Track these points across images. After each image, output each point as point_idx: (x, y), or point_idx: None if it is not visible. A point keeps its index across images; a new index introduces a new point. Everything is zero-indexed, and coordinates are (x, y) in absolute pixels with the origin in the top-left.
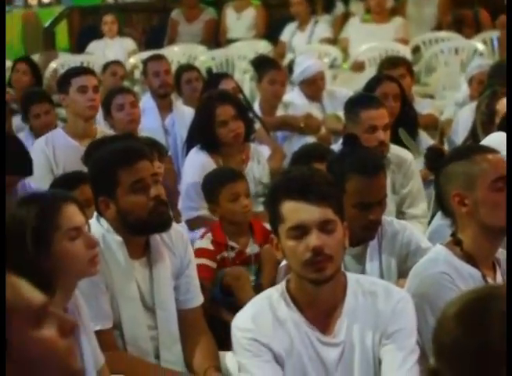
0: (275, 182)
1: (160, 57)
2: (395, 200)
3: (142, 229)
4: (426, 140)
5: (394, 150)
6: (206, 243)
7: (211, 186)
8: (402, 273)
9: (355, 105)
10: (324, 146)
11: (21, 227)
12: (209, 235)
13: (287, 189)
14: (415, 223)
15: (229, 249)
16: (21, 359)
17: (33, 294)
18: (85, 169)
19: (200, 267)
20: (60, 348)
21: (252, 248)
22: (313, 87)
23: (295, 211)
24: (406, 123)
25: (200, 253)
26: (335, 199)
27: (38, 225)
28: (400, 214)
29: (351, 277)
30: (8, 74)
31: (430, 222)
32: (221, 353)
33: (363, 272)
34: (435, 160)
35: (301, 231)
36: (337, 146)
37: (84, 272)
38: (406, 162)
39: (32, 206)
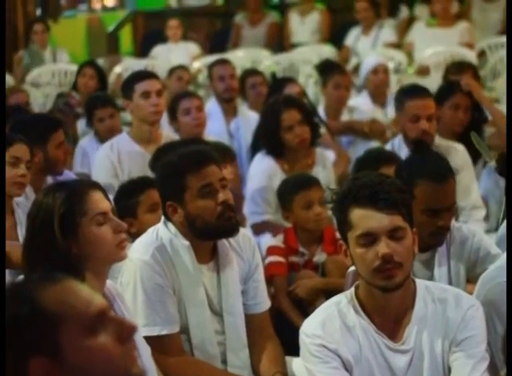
0: (344, 188)
1: (225, 62)
2: None
3: (209, 234)
4: None
5: (442, 141)
6: (277, 241)
7: (285, 193)
8: (471, 280)
9: (402, 94)
10: (390, 151)
11: (48, 214)
12: (281, 236)
13: (356, 196)
14: (469, 216)
15: (300, 255)
16: (75, 368)
17: (91, 300)
18: (150, 174)
19: (272, 264)
20: (118, 355)
21: (319, 257)
22: (376, 81)
23: (364, 218)
24: (476, 128)
25: (271, 251)
26: (405, 206)
27: (65, 211)
28: None
29: (421, 284)
30: (73, 78)
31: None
32: (288, 359)
33: (432, 278)
34: (506, 165)
35: (370, 239)
36: (389, 145)
37: (112, 257)
38: (457, 152)
39: (58, 193)
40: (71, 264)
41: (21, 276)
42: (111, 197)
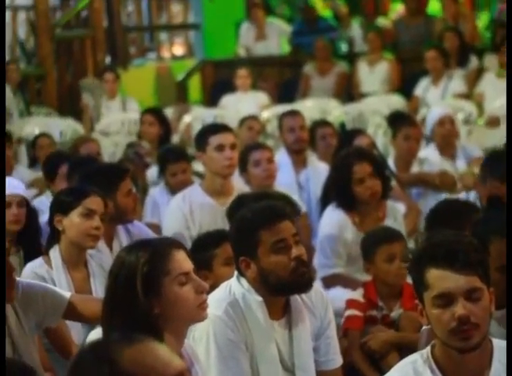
0: (420, 247)
1: (295, 113)
2: None
3: (282, 290)
4: None
5: None
6: (358, 295)
7: (369, 245)
8: None
9: (488, 173)
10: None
11: (131, 273)
12: (361, 290)
13: (433, 256)
14: None
15: (379, 309)
16: None
17: (170, 361)
18: (221, 226)
19: (349, 318)
20: None
21: (397, 313)
22: (443, 132)
23: (441, 279)
24: None
25: (350, 304)
26: (482, 266)
27: (149, 270)
28: None
29: (498, 344)
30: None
31: None
32: None
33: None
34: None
35: (446, 299)
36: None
37: (193, 318)
38: None
39: (142, 252)
40: (152, 323)
41: (94, 332)
42: None
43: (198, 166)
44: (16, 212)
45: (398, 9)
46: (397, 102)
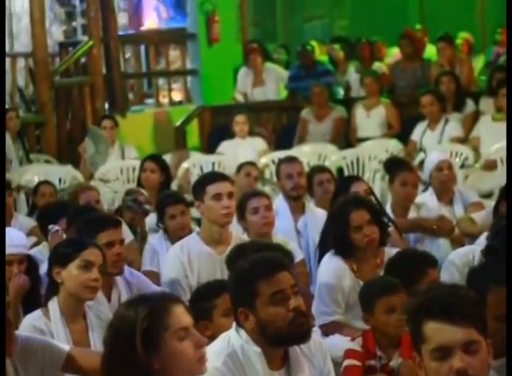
0: (416, 300)
1: (293, 159)
2: None
3: (281, 341)
4: None
5: None
6: (356, 345)
7: (367, 297)
8: None
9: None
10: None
11: (130, 328)
12: (360, 339)
13: (429, 309)
14: None
15: (377, 359)
16: None
17: None
18: (218, 275)
19: (348, 368)
20: None
21: (396, 361)
22: (441, 178)
23: (438, 332)
24: None
25: (349, 354)
26: (479, 318)
27: (148, 325)
28: None
29: None
30: (138, 173)
31: None
32: None
33: None
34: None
35: (444, 352)
36: (464, 250)
37: (192, 372)
38: None
39: (141, 307)
40: None
41: None
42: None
43: (196, 212)
44: (17, 271)
45: (394, 54)
46: (394, 146)
